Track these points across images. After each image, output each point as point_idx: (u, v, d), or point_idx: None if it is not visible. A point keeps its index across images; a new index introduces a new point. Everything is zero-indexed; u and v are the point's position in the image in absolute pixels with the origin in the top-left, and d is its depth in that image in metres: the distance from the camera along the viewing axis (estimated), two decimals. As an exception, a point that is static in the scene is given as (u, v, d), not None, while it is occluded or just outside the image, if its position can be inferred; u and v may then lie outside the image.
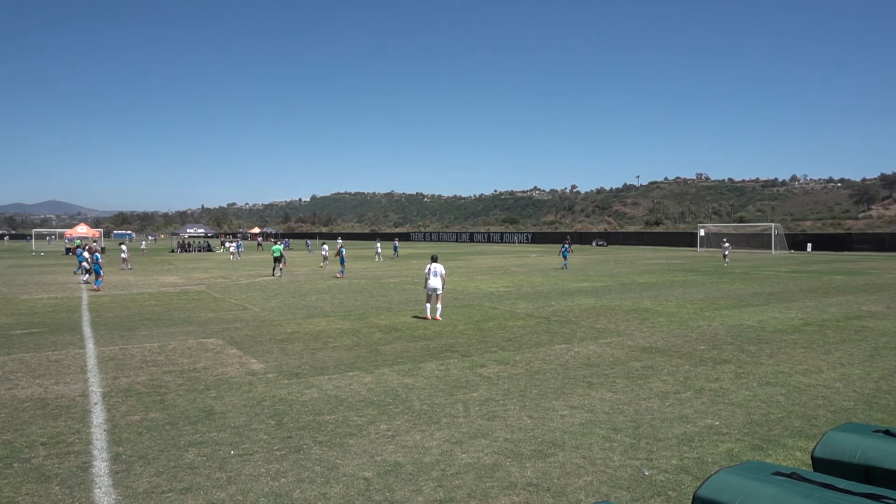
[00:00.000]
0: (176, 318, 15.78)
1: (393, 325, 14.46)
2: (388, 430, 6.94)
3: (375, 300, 19.51)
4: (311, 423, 7.24)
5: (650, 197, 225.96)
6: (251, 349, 11.67)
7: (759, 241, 60.59)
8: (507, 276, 28.47)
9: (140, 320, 15.53)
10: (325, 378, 9.35)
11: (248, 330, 13.92)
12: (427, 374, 9.53)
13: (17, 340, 12.76)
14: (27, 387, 8.96)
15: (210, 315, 16.38)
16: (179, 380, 9.33)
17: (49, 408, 7.90)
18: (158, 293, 22.43)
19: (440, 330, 13.64)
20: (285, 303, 19.08)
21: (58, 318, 16.19)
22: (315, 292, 22.23)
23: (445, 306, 17.66)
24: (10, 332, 13.90)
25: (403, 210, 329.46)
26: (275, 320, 15.39)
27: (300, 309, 17.56)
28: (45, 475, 5.79)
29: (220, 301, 19.72)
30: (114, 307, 18.32)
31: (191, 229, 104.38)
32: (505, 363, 10.29)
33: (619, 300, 19.03)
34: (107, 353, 11.34)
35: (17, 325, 14.84)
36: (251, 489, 5.47)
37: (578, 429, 6.97)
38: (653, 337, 12.68)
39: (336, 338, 12.80)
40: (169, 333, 13.49)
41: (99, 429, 7.06)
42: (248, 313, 16.72)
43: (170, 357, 11.00)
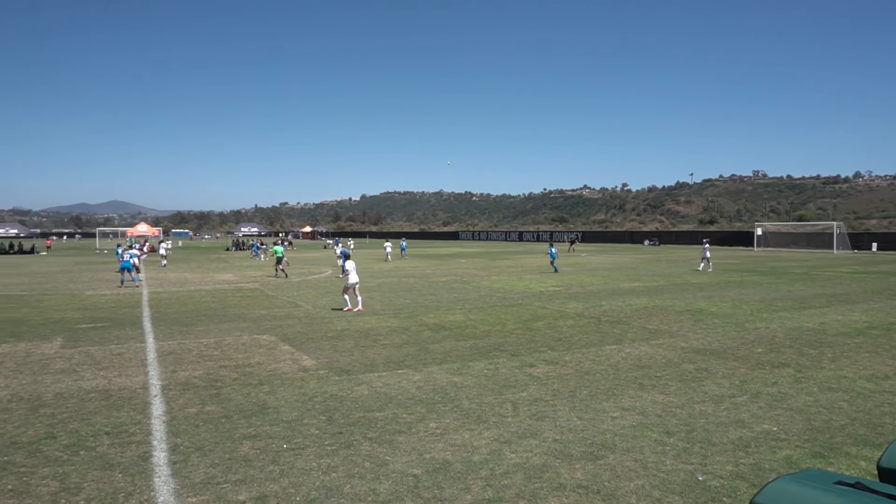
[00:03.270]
0: (231, 315, 16.22)
1: (442, 323, 14.51)
2: (437, 428, 6.97)
3: (424, 298, 19.61)
4: (361, 419, 7.34)
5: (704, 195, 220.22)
6: (303, 346, 11.90)
7: (820, 241, 58.33)
8: (556, 276, 28.20)
9: (197, 316, 16.02)
10: (375, 375, 9.46)
11: (300, 327, 14.20)
12: (476, 373, 9.53)
13: (82, 334, 13.35)
14: (92, 378, 9.36)
15: (263, 312, 16.77)
16: (234, 374, 9.59)
17: (112, 399, 8.24)
18: (214, 290, 23.10)
19: (489, 329, 13.62)
20: (336, 301, 19.37)
21: (120, 313, 16.85)
22: (364, 290, 22.49)
23: (494, 305, 17.62)
24: (77, 326, 14.55)
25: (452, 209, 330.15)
26: (326, 317, 15.65)
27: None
28: (109, 463, 6.04)
29: (272, 298, 20.16)
30: (172, 303, 18.96)
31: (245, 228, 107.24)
32: (554, 363, 10.21)
33: (672, 300, 18.62)
34: (166, 348, 11.75)
35: (82, 320, 15.52)
36: (303, 482, 5.58)
37: (629, 431, 6.85)
38: (707, 338, 12.36)
39: (385, 335, 12.93)
40: (224, 329, 13.88)
41: (158, 420, 7.33)
42: (299, 310, 17.05)
43: (225, 352, 11.32)
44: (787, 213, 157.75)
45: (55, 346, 11.98)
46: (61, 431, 6.96)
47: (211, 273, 32.59)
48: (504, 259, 44.10)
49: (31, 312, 17.08)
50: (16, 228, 74.57)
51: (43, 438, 6.75)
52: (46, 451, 6.37)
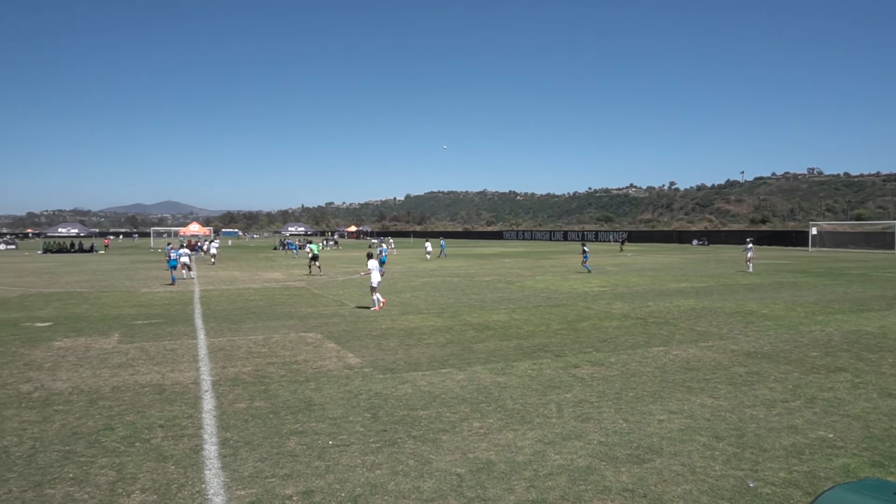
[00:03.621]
0: (278, 313, 16.54)
1: (486, 323, 14.49)
2: (481, 428, 6.97)
3: (468, 298, 19.61)
4: (405, 417, 7.39)
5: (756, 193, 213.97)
6: (348, 344, 12.05)
7: (881, 241, 55.96)
8: (601, 276, 27.84)
9: (246, 314, 16.39)
10: (419, 374, 9.51)
11: (346, 325, 14.38)
12: (520, 374, 9.48)
13: (138, 330, 13.82)
14: (147, 373, 9.69)
15: (309, 310, 17.05)
16: (281, 371, 9.78)
17: (166, 393, 8.51)
18: (262, 288, 23.59)
19: (533, 329, 13.53)
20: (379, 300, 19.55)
21: (173, 310, 17.38)
22: (409, 289, 22.64)
23: (539, 305, 17.51)
24: (133, 322, 15.07)
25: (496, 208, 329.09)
26: (370, 316, 15.81)
27: (395, 305, 17.94)
28: (163, 455, 6.23)
29: (318, 297, 20.48)
30: (222, 301, 19.44)
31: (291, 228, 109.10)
32: (599, 364, 10.08)
33: (721, 302, 18.16)
34: (216, 344, 12.06)
35: (138, 316, 16.06)
36: (348, 479, 5.65)
37: (677, 435, 6.71)
38: (758, 341, 12.01)
39: (429, 334, 12.98)
40: (272, 327, 14.17)
41: (209, 414, 7.53)
42: (345, 309, 17.28)
43: (273, 349, 11.55)
44: (843, 212, 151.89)
45: (113, 342, 12.44)
46: (118, 423, 7.22)
47: (259, 272, 33.30)
48: (548, 259, 43.75)
49: (91, 309, 17.76)
50: (76, 228, 77.83)
51: (101, 430, 7.01)
52: (105, 442, 6.62)
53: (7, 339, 12.85)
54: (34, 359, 10.86)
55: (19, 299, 20.45)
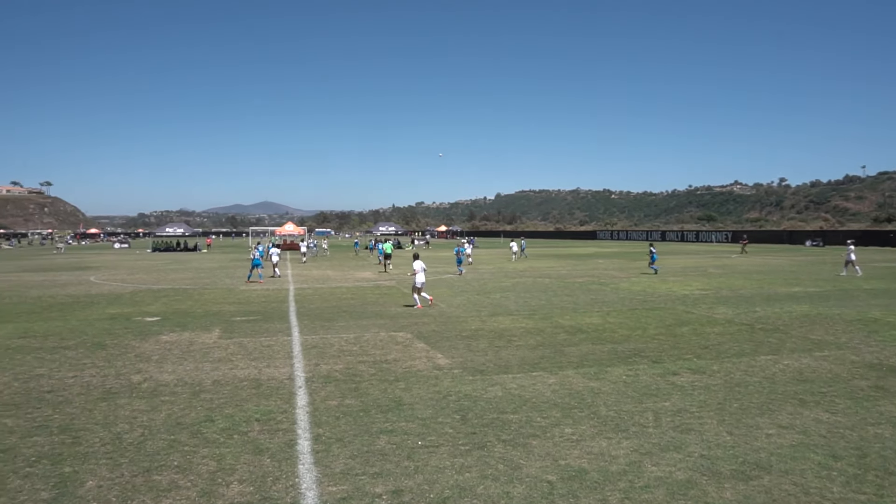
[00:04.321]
0: (369, 312, 16.96)
1: (578, 325, 14.25)
2: (573, 434, 6.85)
3: (560, 300, 19.36)
4: (494, 420, 7.38)
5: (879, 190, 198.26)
6: (438, 344, 12.18)
7: None
8: (703, 278, 26.70)
9: (338, 312, 16.92)
10: (509, 377, 9.47)
11: (435, 325, 14.55)
12: (614, 379, 9.26)
13: (237, 326, 14.57)
14: (245, 368, 10.19)
15: (399, 310, 17.37)
16: (372, 370, 10.01)
17: (262, 388, 8.91)
18: (354, 287, 24.27)
19: (628, 333, 13.18)
20: (470, 300, 19.63)
21: (269, 307, 18.19)
22: (499, 290, 22.60)
23: (634, 308, 17.03)
24: (232, 318, 15.90)
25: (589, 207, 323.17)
26: (460, 317, 15.91)
27: (485, 306, 17.97)
28: (259, 448, 6.53)
29: (409, 296, 20.81)
30: (315, 299, 20.16)
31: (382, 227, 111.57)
32: (700, 372, 9.67)
33: (839, 308, 16.95)
34: (310, 342, 12.52)
35: (237, 313, 16.93)
36: (437, 480, 5.70)
37: (788, 451, 6.32)
38: (883, 352, 11.12)
39: (520, 336, 12.91)
40: (363, 326, 14.55)
41: (302, 410, 7.81)
42: (434, 309, 17.47)
43: (364, 348, 11.86)
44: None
45: (214, 337, 13.18)
46: (218, 416, 7.64)
47: (350, 271, 34.27)
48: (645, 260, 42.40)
49: (195, 305, 18.90)
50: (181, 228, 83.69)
51: (203, 421, 7.44)
52: (206, 433, 7.01)
53: (121, 332, 13.89)
54: (144, 351, 11.68)
55: (131, 295, 22.06)
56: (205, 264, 41.83)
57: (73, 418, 7.60)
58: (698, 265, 35.78)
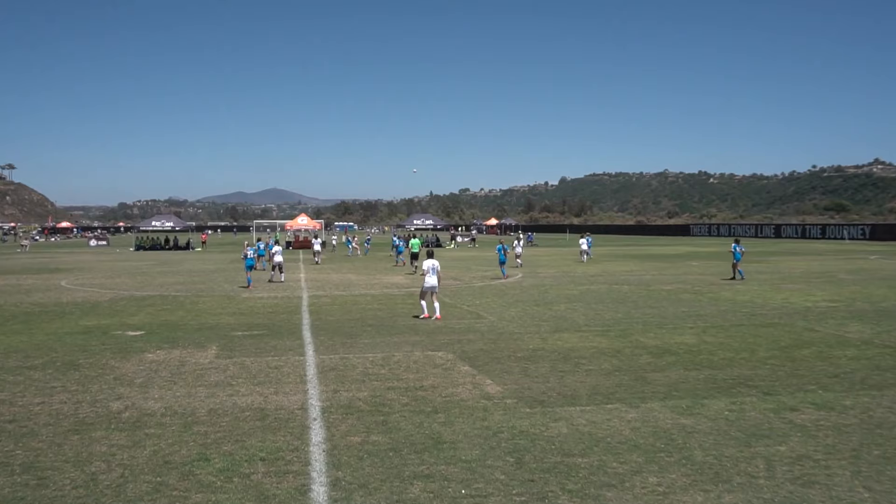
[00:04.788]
0: (401, 326, 17.07)
1: (666, 346, 14.10)
2: (659, 486, 6.76)
3: (642, 312, 19.15)
4: (558, 465, 7.33)
5: None
6: (486, 367, 12.18)
7: None
8: (830, 286, 26.06)
9: (362, 326, 17.07)
10: (577, 409, 9.41)
11: (483, 343, 14.55)
12: (713, 415, 9.12)
13: (238, 343, 14.84)
14: (247, 394, 10.37)
15: (439, 323, 17.43)
16: (404, 398, 10.07)
17: (268, 420, 9.04)
18: (382, 295, 24.45)
19: (731, 356, 12.97)
20: (528, 312, 19.57)
21: (277, 319, 18.47)
22: (564, 300, 22.47)
23: (739, 324, 16.72)
24: (232, 333, 16.20)
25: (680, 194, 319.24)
26: (515, 333, 15.88)
27: (546, 320, 17.90)
28: (264, 495, 6.62)
29: (450, 307, 20.86)
30: (335, 310, 20.37)
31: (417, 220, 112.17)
32: (828, 408, 9.45)
33: None
34: (327, 363, 12.66)
35: (238, 326, 17.24)
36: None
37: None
38: None
39: (591, 359, 12.83)
40: (393, 343, 14.65)
41: (318, 448, 7.90)
42: (482, 323, 17.48)
43: (394, 371, 11.93)
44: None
45: (210, 355, 13.45)
46: (214, 453, 7.77)
47: (378, 274, 34.53)
48: (753, 262, 41.64)
49: (187, 316, 19.32)
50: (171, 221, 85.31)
51: (196, 460, 7.58)
52: (199, 475, 7.14)
53: (97, 349, 14.28)
54: (125, 373, 11.98)
55: (110, 303, 22.68)
56: (199, 266, 42.71)
57: (38, 454, 7.83)
58: (825, 269, 34.92)
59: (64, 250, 70.49)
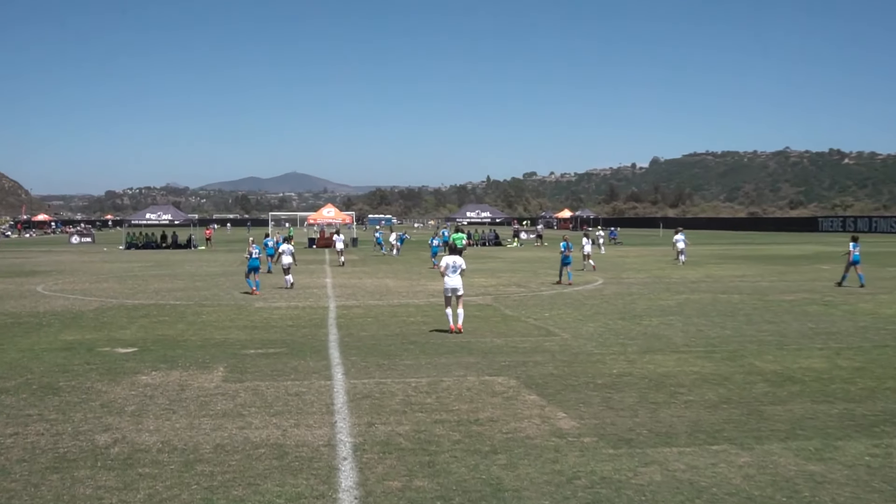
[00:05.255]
0: (451, 344, 17.08)
1: (788, 372, 13.93)
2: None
3: (756, 329, 18.90)
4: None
5: None
6: (557, 396, 12.12)
7: None
8: None
9: (403, 344, 17.14)
10: (674, 451, 9.33)
11: (554, 367, 14.48)
12: (850, 460, 8.99)
13: (250, 363, 15.01)
14: (262, 427, 10.45)
15: (498, 341, 17.41)
16: (455, 434, 10.06)
17: (287, 458, 9.12)
18: (427, 305, 24.50)
19: (874, 385, 12.74)
20: (610, 327, 19.42)
21: (299, 334, 18.65)
22: (657, 312, 22.24)
23: (884, 345, 16.50)
24: (243, 351, 16.39)
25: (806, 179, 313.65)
26: (593, 354, 15.78)
27: (634, 338, 17.76)
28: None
29: (512, 320, 20.81)
30: (369, 324, 20.46)
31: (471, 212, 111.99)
32: None
33: None
34: (359, 389, 12.73)
35: (250, 343, 17.45)
36: None
37: None
38: None
39: (691, 387, 12.71)
40: (441, 365, 14.67)
41: (348, 494, 7.94)
42: (553, 341, 17.41)
43: (442, 400, 11.94)
44: None
45: (216, 378, 13.63)
46: (222, 499, 7.86)
47: (422, 280, 34.63)
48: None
49: (188, 330, 19.63)
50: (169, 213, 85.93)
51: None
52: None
53: (81, 369, 14.58)
54: (114, 399, 12.20)
55: (96, 314, 23.15)
56: (203, 268, 43.35)
57: (11, 497, 7.99)
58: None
59: (41, 248, 72.14)
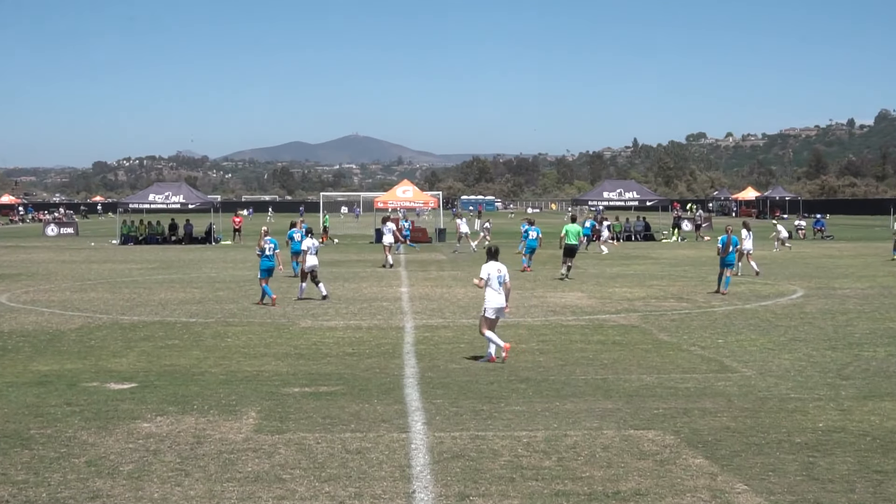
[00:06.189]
0: (577, 382, 17.02)
1: None
2: None
3: None
4: None
5: None
6: (735, 460, 11.96)
7: None
8: None
9: (510, 381, 17.10)
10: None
11: (730, 417, 14.31)
12: None
13: (293, 406, 15.10)
14: (310, 497, 10.47)
15: (649, 379, 17.29)
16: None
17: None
18: (545, 326, 24.43)
19: None
20: (814, 360, 19.11)
21: (361, 366, 18.77)
22: (885, 339, 21.81)
23: None
24: (284, 389, 16.52)
25: None
26: (789, 399, 15.55)
27: (849, 377, 17.48)
28: None
29: (668, 348, 20.64)
30: (462, 352, 20.46)
31: (610, 192, 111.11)
32: None
33: None
34: (448, 445, 12.71)
35: (293, 378, 17.60)
36: None
37: None
38: None
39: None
40: (566, 413, 14.61)
41: None
42: (729, 380, 17.22)
43: (566, 463, 11.85)
44: None
45: (245, 428, 13.75)
46: None
47: (538, 288, 34.49)
48: None
49: (206, 358, 19.90)
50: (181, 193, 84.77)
51: None
52: None
53: (60, 412, 14.82)
54: (105, 454, 12.32)
55: (80, 335, 23.60)
56: (227, 271, 43.99)
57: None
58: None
59: (4, 243, 73.79)
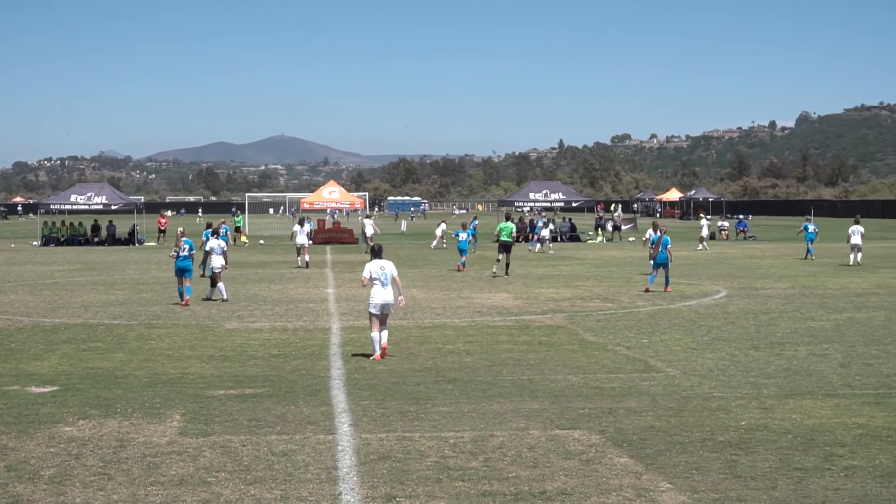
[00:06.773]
0: (504, 382, 17.08)
1: None
2: None
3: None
4: None
5: None
6: (660, 459, 12.04)
7: None
8: None
9: (437, 382, 17.14)
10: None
11: (654, 416, 14.44)
12: None
13: (218, 409, 15.01)
14: (235, 500, 10.39)
15: (575, 379, 17.40)
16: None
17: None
18: (472, 326, 24.51)
19: None
20: (736, 360, 19.32)
21: (287, 368, 18.71)
22: (805, 338, 22.09)
23: None
24: (209, 392, 16.43)
25: None
26: (713, 398, 15.72)
27: (771, 375, 17.71)
28: None
29: (594, 349, 20.76)
30: (389, 353, 20.41)
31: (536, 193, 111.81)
32: None
33: None
34: (374, 446, 12.69)
35: (218, 380, 17.51)
36: None
37: None
38: None
39: (854, 447, 12.60)
40: (492, 413, 14.65)
41: None
42: (654, 380, 17.38)
43: (493, 463, 11.87)
44: None
45: (170, 431, 13.64)
46: None
47: (465, 289, 34.54)
48: None
49: (130, 361, 19.74)
50: (104, 194, 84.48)
51: None
52: None
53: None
54: (25, 458, 12.17)
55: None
56: (151, 273, 43.65)
57: None
58: None
59: (-78, 245, 72.92)
